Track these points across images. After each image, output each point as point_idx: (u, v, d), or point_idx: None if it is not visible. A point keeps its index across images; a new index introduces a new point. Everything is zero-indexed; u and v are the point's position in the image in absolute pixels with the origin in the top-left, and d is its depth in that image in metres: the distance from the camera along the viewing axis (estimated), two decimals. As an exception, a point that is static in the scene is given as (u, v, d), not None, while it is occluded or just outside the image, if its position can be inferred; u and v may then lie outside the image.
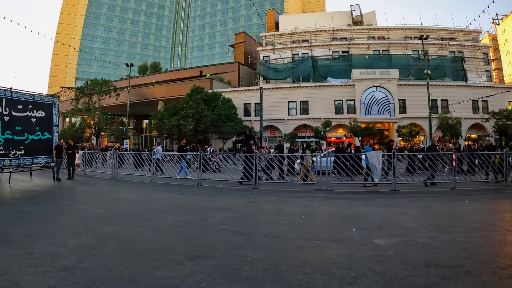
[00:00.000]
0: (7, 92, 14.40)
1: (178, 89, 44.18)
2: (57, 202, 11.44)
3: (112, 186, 15.13)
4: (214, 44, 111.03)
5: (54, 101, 17.00)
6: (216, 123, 35.33)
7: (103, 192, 13.64)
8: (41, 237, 6.75)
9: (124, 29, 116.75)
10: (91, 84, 43.28)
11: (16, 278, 4.65)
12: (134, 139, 54.74)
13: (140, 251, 5.77)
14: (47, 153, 16.15)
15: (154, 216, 8.69)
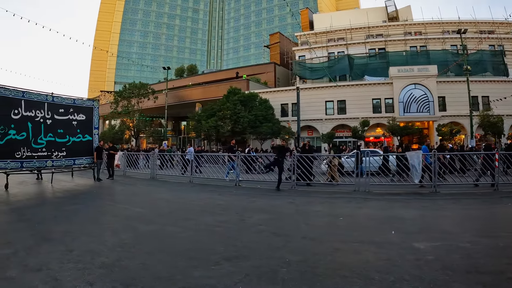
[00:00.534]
0: (49, 97, 15.19)
1: (215, 91, 44.43)
2: (98, 201, 11.79)
3: (151, 186, 15.42)
4: (249, 46, 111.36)
5: (94, 104, 17.65)
6: (253, 123, 35.15)
7: (142, 192, 13.94)
8: (82, 235, 6.96)
9: (160, 34, 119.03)
10: (129, 88, 44.26)
11: (55, 274, 4.81)
12: (173, 140, 55.55)
13: (178, 251, 5.85)
14: (88, 154, 16.76)
15: (192, 216, 8.81)
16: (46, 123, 14.84)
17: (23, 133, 13.88)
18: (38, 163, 14.49)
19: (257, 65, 57.55)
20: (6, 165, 13.25)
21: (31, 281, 4.62)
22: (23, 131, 13.89)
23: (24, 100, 14.08)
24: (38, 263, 5.31)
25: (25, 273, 4.93)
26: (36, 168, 14.78)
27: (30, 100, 14.32)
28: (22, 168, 13.96)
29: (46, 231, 7.34)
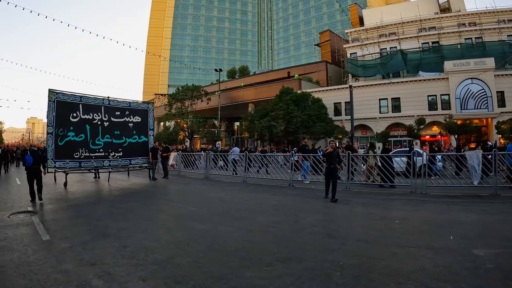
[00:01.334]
0: (105, 100, 16.08)
1: (267, 91, 44.36)
2: (153, 200, 12.07)
3: (205, 185, 15.59)
4: (299, 45, 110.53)
5: (149, 107, 18.33)
6: (306, 123, 34.68)
7: (196, 191, 14.10)
8: (136, 232, 7.16)
9: (210, 37, 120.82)
10: (183, 90, 45.03)
11: (109, 268, 5.00)
12: (226, 141, 56.15)
13: (231, 250, 5.86)
14: (143, 154, 17.42)
15: (245, 215, 8.83)
16: (104, 125, 15.70)
17: (82, 135, 14.79)
18: (95, 163, 15.34)
19: (308, 64, 56.71)
20: (65, 165, 14.18)
21: (85, 274, 4.81)
22: (82, 133, 14.81)
23: (82, 104, 15.05)
24: (93, 257, 5.52)
25: (80, 267, 5.13)
26: (93, 167, 15.66)
27: (87, 104, 15.27)
28: (80, 167, 14.84)
29: (102, 227, 7.62)
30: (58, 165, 14.00)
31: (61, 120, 14.23)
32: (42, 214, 9.36)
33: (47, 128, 14.36)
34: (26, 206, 10.50)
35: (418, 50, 43.92)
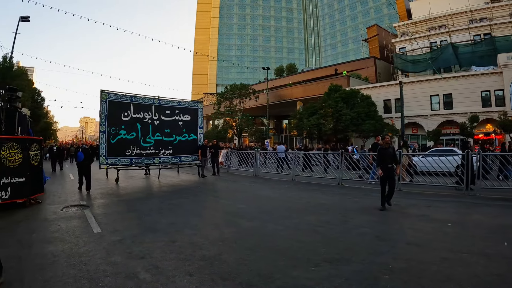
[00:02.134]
0: (155, 100, 16.53)
1: (315, 89, 43.85)
2: (202, 196, 12.18)
3: (253, 183, 15.59)
4: (346, 41, 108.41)
5: (198, 106, 18.69)
6: (355, 121, 33.89)
7: (245, 189, 14.15)
8: (185, 227, 7.25)
9: (257, 35, 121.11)
10: (231, 89, 45.53)
11: (157, 262, 5.07)
12: (274, 139, 56.08)
13: (278, 249, 5.79)
14: (193, 152, 17.75)
15: (294, 214, 8.70)
16: (154, 123, 16.18)
17: (133, 133, 15.32)
18: (146, 160, 15.80)
19: (356, 61, 55.57)
20: (117, 161, 14.78)
21: (134, 267, 4.92)
22: (133, 131, 15.34)
23: (132, 103, 15.61)
24: (142, 251, 5.64)
25: (129, 259, 5.26)
26: (144, 164, 16.09)
27: (138, 104, 15.82)
28: (131, 164, 15.39)
29: (151, 222, 7.77)
30: (110, 162, 14.60)
31: (113, 119, 14.83)
32: (94, 208, 9.69)
33: (99, 127, 14.96)
34: (78, 200, 10.97)
35: (469, 43, 41.30)
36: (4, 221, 8.04)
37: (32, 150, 10.31)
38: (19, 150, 9.70)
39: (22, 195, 9.68)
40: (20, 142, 9.90)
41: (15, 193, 9.46)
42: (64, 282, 4.46)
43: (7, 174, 9.34)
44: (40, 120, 38.36)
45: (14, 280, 4.55)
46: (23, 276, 4.70)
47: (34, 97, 34.49)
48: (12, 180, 9.44)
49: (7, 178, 9.33)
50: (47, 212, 9.14)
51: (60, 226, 7.54)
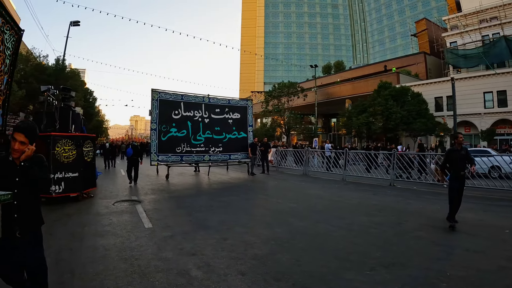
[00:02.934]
0: (205, 98, 16.70)
1: (364, 86, 42.78)
2: (252, 194, 12.01)
3: (303, 182, 15.28)
4: (394, 36, 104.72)
5: (248, 104, 18.68)
6: (406, 119, 32.51)
7: (295, 187, 13.81)
8: (236, 225, 7.12)
9: (303, 33, 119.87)
10: (279, 87, 45.40)
11: (209, 260, 4.97)
12: (323, 138, 55.28)
13: (331, 250, 5.58)
14: (242, 150, 17.75)
15: (346, 215, 8.38)
16: (204, 121, 16.37)
17: (184, 130, 15.59)
18: (196, 157, 15.97)
19: (405, 57, 53.47)
20: (167, 158, 15.07)
21: (185, 263, 4.84)
22: (184, 129, 15.61)
23: (183, 102, 15.88)
24: (193, 248, 5.55)
25: (180, 256, 5.19)
26: (194, 161, 16.23)
27: (188, 102, 16.07)
28: (181, 161, 15.64)
29: (202, 219, 7.69)
30: (161, 159, 14.91)
31: (164, 117, 15.17)
32: (145, 203, 9.76)
33: (151, 125, 15.23)
34: (130, 195, 11.16)
35: (523, 36, 37.96)
36: (57, 214, 8.23)
37: (86, 147, 10.61)
38: (73, 147, 9.99)
39: (75, 189, 9.99)
40: (74, 139, 10.18)
41: (68, 187, 9.78)
42: (115, 276, 4.46)
43: (61, 169, 9.65)
44: (93, 118, 39.88)
45: (65, 272, 4.58)
46: (74, 268, 4.74)
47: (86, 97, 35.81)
48: (66, 175, 9.74)
49: (61, 173, 9.64)
50: (99, 206, 9.31)
51: (112, 220, 7.63)
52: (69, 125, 11.36)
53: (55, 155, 9.51)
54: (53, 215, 8.09)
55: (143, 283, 4.23)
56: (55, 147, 9.54)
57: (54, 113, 11.11)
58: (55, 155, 9.52)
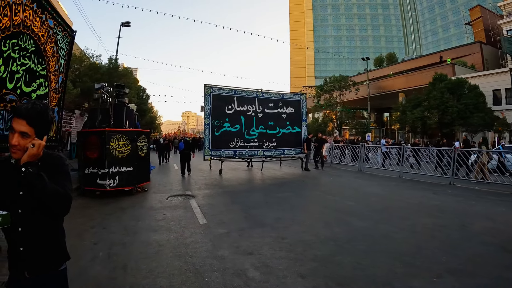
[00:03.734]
0: (258, 93, 16.51)
1: (418, 79, 40.61)
2: (307, 191, 11.64)
3: (359, 179, 14.65)
4: (447, 25, 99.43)
5: (302, 98, 18.35)
6: (463, 114, 30.08)
7: (350, 184, 13.24)
8: (293, 223, 6.84)
9: (353, 25, 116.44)
10: (330, 81, 44.41)
11: (267, 260, 4.75)
12: (375, 133, 53.75)
13: (394, 253, 5.18)
14: (296, 145, 17.46)
15: (407, 215, 7.83)
16: (258, 116, 16.23)
17: (237, 125, 15.54)
18: (250, 152, 15.88)
19: (460, 47, 50.28)
20: (221, 153, 15.08)
21: (242, 263, 4.65)
22: (237, 124, 15.56)
23: (236, 97, 15.79)
24: (250, 246, 5.35)
25: (237, 254, 5.00)
26: (247, 156, 16.17)
27: (241, 97, 15.97)
28: (235, 156, 15.57)
29: (258, 216, 7.46)
30: (214, 154, 14.93)
31: (217, 112, 15.16)
32: (199, 198, 9.68)
33: (204, 120, 15.29)
34: (183, 190, 11.16)
35: None
36: (110, 208, 8.33)
37: (140, 142, 10.74)
38: (127, 142, 10.18)
39: (129, 183, 10.22)
40: (128, 134, 10.34)
41: (122, 182, 10.03)
42: (169, 274, 4.34)
43: (116, 164, 9.89)
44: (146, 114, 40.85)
45: (117, 267, 4.54)
46: (127, 264, 4.69)
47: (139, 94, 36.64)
48: (120, 169, 9.96)
49: (116, 167, 9.87)
50: (152, 201, 9.34)
51: (166, 215, 7.56)
52: (123, 121, 11.57)
53: (110, 150, 9.72)
54: (106, 209, 8.20)
55: (198, 283, 4.06)
56: (110, 142, 9.75)
57: (108, 109, 11.34)
58: (110, 150, 9.72)
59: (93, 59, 26.08)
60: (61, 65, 12.47)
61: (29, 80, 9.76)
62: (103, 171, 9.66)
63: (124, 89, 12.51)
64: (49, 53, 11.09)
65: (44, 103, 2.14)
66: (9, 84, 8.46)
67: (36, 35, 9.89)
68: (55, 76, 12.01)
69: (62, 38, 12.11)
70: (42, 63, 10.70)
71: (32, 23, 9.35)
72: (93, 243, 5.55)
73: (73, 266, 4.48)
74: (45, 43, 10.70)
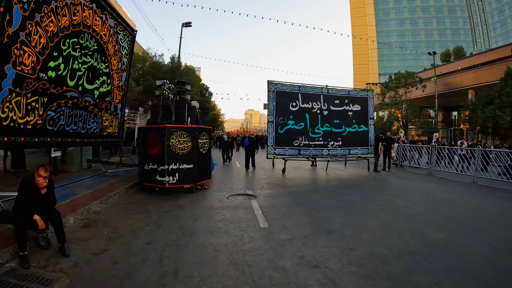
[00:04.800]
0: (324, 89, 16.00)
1: (488, 74, 37.39)
2: (375, 194, 10.76)
3: (429, 183, 13.57)
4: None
5: (369, 94, 17.35)
6: None
7: (421, 188, 12.19)
8: (363, 231, 6.26)
9: (416, 18, 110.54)
10: (395, 78, 42.79)
11: (334, 275, 4.25)
12: (443, 133, 51.05)
13: (477, 274, 4.47)
14: (363, 144, 16.63)
15: (486, 227, 6.90)
16: (323, 114, 15.65)
17: (301, 123, 15.06)
18: (314, 151, 15.30)
19: (532, 38, 46.49)
20: (284, 152, 14.65)
21: (305, 277, 4.17)
22: (301, 121, 15.09)
23: (300, 93, 15.30)
24: (315, 257, 4.86)
25: (300, 266, 4.53)
26: (312, 155, 15.60)
27: (306, 93, 15.45)
28: (299, 155, 15.05)
29: (323, 221, 6.92)
30: (278, 152, 14.55)
31: (281, 109, 14.77)
32: (261, 198, 9.26)
33: (267, 117, 14.93)
34: (245, 189, 10.77)
35: None
36: (169, 205, 8.15)
37: (201, 139, 10.53)
38: (188, 139, 9.98)
39: (189, 180, 10.05)
40: (189, 131, 10.14)
41: (182, 179, 9.86)
42: (223, 285, 4.00)
43: (176, 161, 9.74)
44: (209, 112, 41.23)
45: (167, 273, 4.30)
46: (178, 269, 4.41)
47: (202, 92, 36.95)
48: (180, 166, 9.79)
49: (175, 164, 9.71)
50: (212, 200, 9.05)
51: (225, 215, 7.21)
52: (184, 117, 11.37)
53: (170, 147, 9.58)
54: (165, 206, 8.01)
55: (255, 300, 3.61)
56: (170, 139, 9.60)
57: (170, 106, 11.23)
58: (170, 146, 9.58)
59: (155, 58, 26.65)
60: (124, 63, 12.69)
61: (91, 78, 10.03)
62: (162, 167, 9.52)
63: (186, 86, 12.29)
64: (111, 51, 11.38)
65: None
66: (70, 82, 8.70)
67: (98, 34, 10.15)
68: (118, 74, 12.21)
69: (123, 37, 12.34)
70: (105, 61, 10.96)
71: (92, 23, 9.64)
72: (146, 243, 5.33)
73: (123, 265, 4.54)
74: (107, 42, 10.97)
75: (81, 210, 6.97)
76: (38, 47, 6.82)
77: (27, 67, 6.51)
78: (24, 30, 6.28)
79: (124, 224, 6.47)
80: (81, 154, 13.99)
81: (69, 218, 6.38)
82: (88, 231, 6.00)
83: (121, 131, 13.27)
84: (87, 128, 10.05)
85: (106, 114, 11.40)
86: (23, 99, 6.53)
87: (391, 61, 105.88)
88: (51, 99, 7.67)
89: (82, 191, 8.86)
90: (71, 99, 8.83)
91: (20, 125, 6.53)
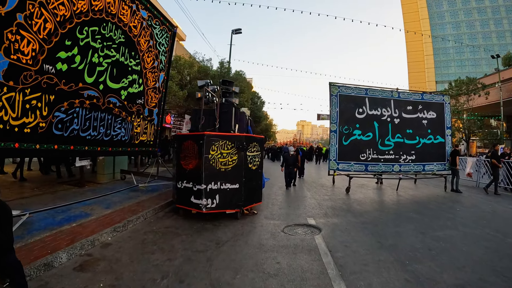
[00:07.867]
0: (394, 93, 13.75)
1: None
2: (473, 227, 7.90)
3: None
4: None
5: (445, 99, 14.88)
6: None
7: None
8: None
9: (472, 21, 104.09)
10: (456, 85, 39.98)
11: None
12: (507, 144, 47.03)
13: None
14: (439, 159, 14.16)
15: None
16: (394, 122, 13.58)
17: (369, 133, 13.06)
18: (384, 167, 13.06)
19: None
20: (349, 167, 12.66)
21: None
22: (369, 131, 13.13)
23: (367, 97, 13.31)
24: None
25: None
26: (381, 172, 13.28)
27: (374, 98, 13.43)
28: (366, 171, 12.90)
29: (426, 276, 4.68)
30: (341, 167, 12.61)
31: (345, 117, 12.92)
32: (327, 232, 6.98)
33: (330, 126, 12.94)
34: (305, 216, 8.47)
35: None
36: (203, 239, 6.14)
37: (251, 151, 8.32)
38: (233, 150, 7.85)
39: (233, 205, 7.95)
40: (235, 140, 7.95)
41: (224, 202, 7.79)
42: None
43: (216, 179, 7.70)
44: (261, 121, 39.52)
45: None
46: None
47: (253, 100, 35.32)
48: (222, 186, 7.75)
49: (216, 183, 7.67)
50: (262, 232, 6.81)
51: (280, 264, 4.99)
52: (231, 123, 9.40)
53: (209, 160, 7.44)
54: (198, 241, 5.96)
55: None
56: (210, 150, 7.47)
57: (214, 110, 9.35)
58: (209, 160, 7.44)
59: (203, 63, 25.30)
60: (161, 62, 11.04)
61: (117, 75, 8.52)
62: (199, 187, 7.47)
63: (233, 87, 10.29)
64: (143, 46, 9.92)
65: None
66: (88, 78, 7.30)
67: (126, 25, 8.77)
68: (154, 73, 10.68)
69: (161, 33, 10.86)
70: (135, 57, 9.47)
71: (118, 11, 8.25)
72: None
73: None
74: (138, 36, 9.54)
75: (83, 242, 5.21)
76: (42, 33, 5.69)
77: (26, 56, 5.39)
78: (22, 11, 5.23)
79: (133, 270, 4.58)
80: (114, 163, 12.48)
81: (60, 254, 4.65)
82: (80, 277, 4.27)
83: (158, 139, 11.51)
84: (112, 135, 8.37)
85: (138, 119, 9.75)
86: (19, 96, 5.32)
87: (448, 67, 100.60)
88: (61, 98, 6.22)
89: (99, 211, 7.24)
90: (89, 98, 7.17)
91: (14, 128, 5.29)
